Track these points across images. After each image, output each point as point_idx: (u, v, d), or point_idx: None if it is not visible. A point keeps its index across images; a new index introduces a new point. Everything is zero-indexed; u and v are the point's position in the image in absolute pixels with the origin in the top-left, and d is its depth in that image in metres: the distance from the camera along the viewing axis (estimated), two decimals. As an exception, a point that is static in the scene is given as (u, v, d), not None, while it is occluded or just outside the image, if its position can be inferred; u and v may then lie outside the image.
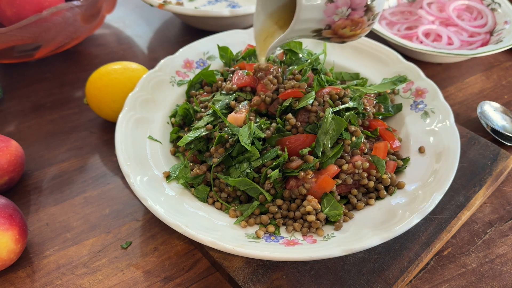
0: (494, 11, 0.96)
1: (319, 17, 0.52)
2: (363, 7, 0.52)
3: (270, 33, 0.61)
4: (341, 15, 0.52)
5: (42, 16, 0.74)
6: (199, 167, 0.60)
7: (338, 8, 0.52)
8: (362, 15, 0.53)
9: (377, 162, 0.59)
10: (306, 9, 0.51)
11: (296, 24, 0.52)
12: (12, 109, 0.81)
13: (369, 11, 0.53)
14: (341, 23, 0.53)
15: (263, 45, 0.61)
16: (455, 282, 0.56)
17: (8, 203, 0.56)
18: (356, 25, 0.54)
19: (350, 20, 0.53)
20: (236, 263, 0.54)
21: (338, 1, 0.51)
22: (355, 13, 0.53)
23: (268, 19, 0.60)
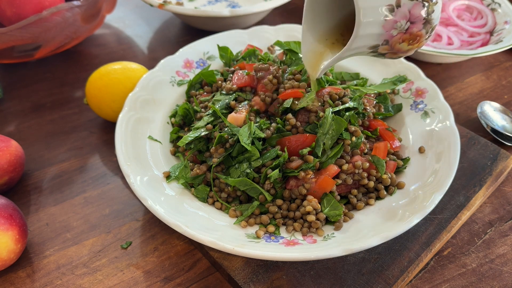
0: (494, 11, 0.96)
1: (377, 32, 0.50)
2: (422, 20, 0.51)
3: (319, 53, 0.59)
4: (400, 29, 0.51)
5: (42, 16, 0.74)
6: (199, 167, 0.60)
7: (397, 22, 0.50)
8: (420, 28, 0.51)
9: (377, 162, 0.59)
10: (365, 25, 0.49)
11: (354, 41, 0.51)
12: (12, 109, 0.81)
13: (428, 24, 0.51)
14: (399, 37, 0.51)
15: (313, 65, 0.60)
16: (455, 282, 0.56)
17: (8, 203, 0.56)
18: (414, 38, 0.52)
19: (408, 34, 0.51)
20: (236, 263, 0.54)
21: (397, 15, 0.50)
22: (414, 26, 0.51)
23: (315, 40, 0.59)
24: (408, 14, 0.50)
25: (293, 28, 0.82)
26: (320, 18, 0.58)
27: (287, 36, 0.81)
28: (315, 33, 0.59)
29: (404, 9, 0.49)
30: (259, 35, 0.81)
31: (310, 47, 0.59)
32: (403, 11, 0.49)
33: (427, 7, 0.50)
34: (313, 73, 0.60)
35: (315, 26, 0.58)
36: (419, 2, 0.50)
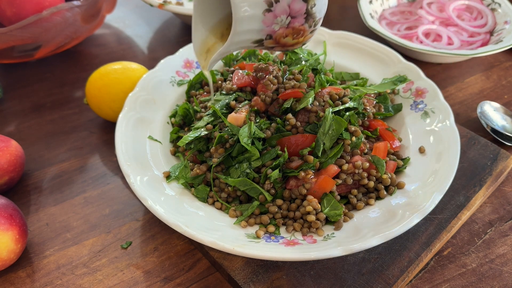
0: (494, 11, 0.96)
1: (258, 27, 0.50)
2: (303, 14, 0.50)
3: (210, 45, 0.58)
4: (281, 24, 0.50)
5: (42, 16, 0.74)
6: (199, 167, 0.60)
7: (277, 17, 0.49)
8: (303, 23, 0.50)
9: (377, 162, 0.59)
10: (243, 21, 0.48)
11: (234, 36, 0.50)
12: (12, 109, 0.81)
13: (310, 18, 0.50)
14: (282, 32, 0.50)
15: (204, 58, 0.59)
16: (455, 282, 0.56)
17: (8, 203, 0.56)
18: (297, 33, 0.51)
19: (291, 29, 0.50)
20: (236, 263, 0.54)
21: (276, 10, 0.48)
22: (296, 21, 0.50)
23: (207, 32, 0.58)
24: (288, 8, 0.48)
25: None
26: (210, 10, 0.57)
27: (287, 36, 0.81)
28: (206, 24, 0.58)
29: (283, 4, 0.48)
30: (259, 35, 0.81)
31: (201, 37, 0.58)
32: (282, 6, 0.48)
33: (308, 1, 0.49)
34: (204, 64, 0.59)
35: (206, 17, 0.57)
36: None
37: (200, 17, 0.57)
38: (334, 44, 0.80)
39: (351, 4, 1.11)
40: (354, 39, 0.80)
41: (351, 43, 0.80)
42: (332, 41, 0.81)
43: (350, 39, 0.80)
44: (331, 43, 0.80)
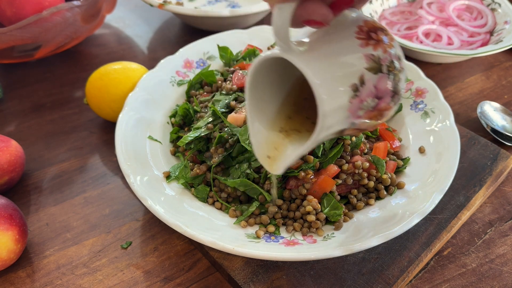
0: (494, 11, 0.96)
1: (343, 117, 0.42)
2: (390, 93, 0.43)
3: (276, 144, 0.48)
4: (367, 108, 0.42)
5: (42, 16, 0.74)
6: (199, 167, 0.60)
7: (363, 102, 0.42)
8: (389, 102, 0.43)
9: (377, 162, 0.59)
10: (329, 115, 0.40)
11: (320, 133, 0.41)
12: (12, 109, 0.81)
13: (396, 95, 0.44)
14: (366, 116, 0.43)
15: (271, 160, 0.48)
16: (455, 282, 0.56)
17: (8, 203, 0.56)
18: (381, 114, 0.44)
19: (377, 111, 0.43)
20: (236, 263, 0.54)
21: (362, 94, 0.41)
22: (382, 102, 0.43)
23: (266, 129, 0.48)
24: (375, 90, 0.42)
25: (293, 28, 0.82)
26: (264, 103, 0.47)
27: (287, 36, 0.81)
28: (264, 122, 0.48)
29: (369, 86, 0.41)
30: (259, 35, 0.81)
31: (262, 139, 0.48)
32: (368, 88, 0.41)
33: (394, 77, 0.43)
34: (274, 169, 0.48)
35: (262, 114, 0.47)
36: (385, 74, 0.42)
37: (256, 115, 0.47)
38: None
39: (351, 4, 1.11)
40: (354, 39, 0.80)
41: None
42: (332, 41, 0.80)
43: (350, 39, 0.80)
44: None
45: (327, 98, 0.40)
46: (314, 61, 0.40)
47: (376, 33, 0.42)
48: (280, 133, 0.48)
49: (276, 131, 0.48)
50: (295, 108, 0.49)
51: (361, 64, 0.41)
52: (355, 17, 0.43)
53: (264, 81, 0.46)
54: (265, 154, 0.48)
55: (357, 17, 0.43)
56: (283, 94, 0.49)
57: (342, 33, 0.42)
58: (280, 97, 0.48)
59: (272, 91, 0.48)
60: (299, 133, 0.48)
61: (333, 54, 0.41)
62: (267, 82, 0.46)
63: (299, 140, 0.47)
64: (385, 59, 0.42)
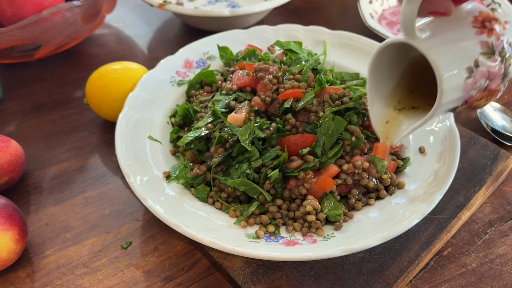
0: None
1: (458, 96, 0.48)
2: (501, 75, 0.49)
3: (390, 117, 0.55)
4: (479, 88, 0.49)
5: (42, 16, 0.74)
6: (199, 167, 0.60)
7: (476, 83, 0.48)
8: (499, 83, 0.50)
9: (377, 162, 0.59)
10: (447, 93, 0.47)
11: (437, 110, 0.48)
12: (12, 109, 0.81)
13: (505, 78, 0.50)
14: (478, 95, 0.49)
15: (385, 131, 0.56)
16: (455, 282, 0.56)
17: (8, 203, 0.56)
18: (492, 94, 0.50)
19: (487, 91, 0.50)
20: (236, 263, 0.54)
21: (476, 75, 0.48)
22: (493, 83, 0.49)
23: (384, 106, 0.55)
24: (487, 72, 0.48)
25: (293, 28, 0.82)
26: (382, 82, 0.55)
27: (287, 36, 0.81)
28: (381, 99, 0.55)
29: (483, 69, 0.48)
30: (259, 35, 0.81)
31: (380, 114, 0.56)
32: (482, 70, 0.48)
33: (505, 61, 0.49)
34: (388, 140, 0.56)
35: (379, 92, 0.55)
36: (497, 58, 0.48)
37: (374, 91, 0.54)
38: (334, 44, 0.80)
39: (351, 4, 1.11)
40: (354, 39, 0.80)
41: (351, 43, 0.80)
42: (332, 41, 0.81)
43: (350, 39, 0.80)
44: (331, 43, 0.80)
45: (447, 78, 0.46)
46: (436, 46, 0.45)
47: (490, 22, 0.50)
48: (394, 110, 0.55)
49: (390, 108, 0.55)
50: (407, 89, 0.55)
51: (477, 49, 0.46)
52: (471, 8, 0.49)
53: (382, 64, 0.52)
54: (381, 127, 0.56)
55: (473, 8, 0.50)
56: (397, 77, 0.55)
57: (460, 22, 0.48)
58: (394, 79, 0.55)
59: (388, 73, 0.54)
60: (413, 110, 0.54)
61: (452, 40, 0.47)
62: (384, 65, 0.53)
63: (412, 116, 0.54)
64: (498, 45, 0.48)
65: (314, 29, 0.82)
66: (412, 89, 0.55)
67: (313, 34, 0.82)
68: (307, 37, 0.81)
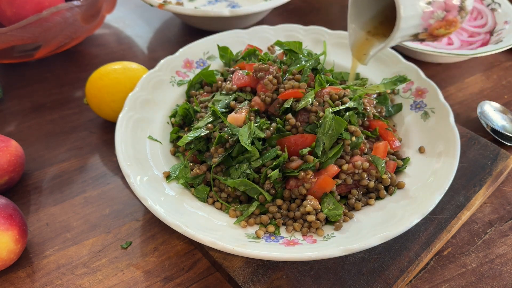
0: (494, 11, 0.96)
1: (417, 23, 0.56)
2: (457, 8, 0.57)
3: (364, 41, 0.66)
4: (437, 18, 0.57)
5: (42, 16, 0.74)
6: (199, 167, 0.60)
7: (434, 13, 0.56)
8: (456, 15, 0.57)
9: (377, 162, 0.59)
10: (405, 20, 0.55)
11: (396, 33, 0.57)
12: (12, 109, 0.81)
13: (462, 10, 0.57)
14: (437, 25, 0.57)
15: (359, 52, 0.66)
16: (455, 282, 0.56)
17: (8, 203, 0.56)
18: (450, 24, 0.58)
19: (445, 21, 0.57)
20: (236, 263, 0.54)
21: (434, 6, 0.56)
22: (450, 14, 0.57)
23: (360, 29, 0.66)
24: (444, 4, 0.55)
25: (293, 28, 0.82)
26: (362, 10, 0.65)
27: (287, 36, 0.81)
28: (359, 23, 0.66)
29: (440, 0, 0.55)
30: (259, 35, 0.81)
31: (356, 36, 0.66)
32: (439, 1, 0.55)
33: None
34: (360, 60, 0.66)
35: (359, 17, 0.65)
36: None
37: (354, 15, 0.65)
38: (334, 44, 0.80)
39: (351, 4, 1.11)
40: (354, 39, 0.80)
41: (350, 43, 0.80)
42: (332, 41, 0.81)
43: (350, 39, 0.80)
44: (331, 43, 0.80)
45: (405, 6, 0.54)
46: None
47: None
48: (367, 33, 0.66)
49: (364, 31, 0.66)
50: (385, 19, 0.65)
51: None
52: None
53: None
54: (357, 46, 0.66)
55: None
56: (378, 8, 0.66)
57: None
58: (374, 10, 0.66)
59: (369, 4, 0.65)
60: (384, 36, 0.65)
61: None
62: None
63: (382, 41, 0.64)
64: None
65: (314, 29, 0.82)
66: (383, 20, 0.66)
67: (313, 34, 0.82)
68: (307, 37, 0.81)
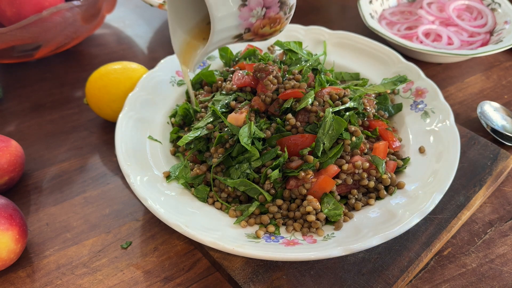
0: (494, 11, 0.96)
1: (235, 23, 0.51)
2: (277, 3, 0.52)
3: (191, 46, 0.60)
4: (258, 16, 0.52)
5: (42, 16, 0.74)
6: (199, 167, 0.60)
7: (252, 10, 0.51)
8: (278, 11, 0.52)
9: (377, 162, 0.59)
10: (220, 20, 0.50)
11: (214, 36, 0.52)
12: (12, 109, 0.81)
13: (284, 5, 0.52)
14: (259, 23, 0.52)
15: (186, 59, 0.61)
16: (455, 282, 0.56)
17: (8, 203, 0.56)
18: (274, 22, 0.53)
19: (267, 19, 0.52)
20: (236, 263, 0.54)
21: (250, 3, 0.50)
22: (271, 11, 0.52)
23: (186, 35, 0.60)
24: (262, 1, 0.50)
25: (293, 28, 0.82)
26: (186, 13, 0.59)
27: (287, 36, 0.81)
28: (183, 27, 0.60)
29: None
30: (259, 35, 0.81)
31: (181, 40, 0.60)
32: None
33: None
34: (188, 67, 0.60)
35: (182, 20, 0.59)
36: None
37: (176, 20, 0.59)
38: (334, 44, 0.80)
39: (351, 4, 1.11)
40: (354, 39, 0.80)
41: (351, 43, 0.80)
42: (332, 41, 0.81)
43: (350, 39, 0.80)
44: (331, 43, 0.80)
45: (216, 5, 0.48)
46: None
47: None
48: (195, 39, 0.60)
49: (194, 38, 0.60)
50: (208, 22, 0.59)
51: None
52: None
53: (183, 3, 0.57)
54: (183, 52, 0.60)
55: None
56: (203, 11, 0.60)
57: None
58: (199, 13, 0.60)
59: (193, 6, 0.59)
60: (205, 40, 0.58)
61: None
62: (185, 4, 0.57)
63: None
64: None
65: (314, 29, 0.82)
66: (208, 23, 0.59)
67: (313, 34, 0.82)
68: (307, 37, 0.82)
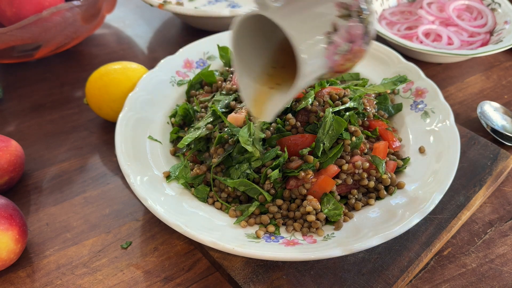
0: (494, 11, 0.96)
1: (321, 63, 0.46)
2: (362, 36, 0.47)
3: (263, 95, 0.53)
4: (342, 52, 0.47)
5: (42, 16, 0.74)
6: (199, 167, 0.60)
7: (338, 47, 0.46)
8: (361, 44, 0.48)
9: (377, 162, 0.59)
10: (307, 62, 0.44)
11: (300, 80, 0.45)
12: (12, 109, 0.81)
13: (367, 37, 0.48)
14: (341, 60, 0.47)
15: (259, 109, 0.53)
16: (455, 282, 0.56)
17: (8, 203, 0.56)
18: (356, 56, 0.49)
19: (351, 54, 0.48)
20: (236, 263, 0.54)
21: (336, 40, 0.45)
22: (355, 45, 0.47)
23: (256, 83, 0.52)
24: (347, 34, 0.46)
25: None
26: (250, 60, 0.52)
27: (287, 36, 0.81)
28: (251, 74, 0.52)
29: (342, 32, 0.45)
30: (259, 35, 0.81)
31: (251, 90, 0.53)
32: (341, 33, 0.45)
33: (364, 21, 0.47)
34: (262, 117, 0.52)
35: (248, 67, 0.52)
36: (355, 19, 0.46)
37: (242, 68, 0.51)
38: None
39: (351, 4, 1.11)
40: (354, 39, 0.80)
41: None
42: (332, 41, 0.80)
43: (350, 39, 0.80)
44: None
45: (304, 48, 0.43)
46: (290, 14, 0.43)
47: None
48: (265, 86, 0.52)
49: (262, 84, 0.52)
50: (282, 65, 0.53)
51: (333, 12, 0.45)
52: None
53: (249, 41, 0.50)
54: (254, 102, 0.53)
55: None
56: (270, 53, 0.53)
57: None
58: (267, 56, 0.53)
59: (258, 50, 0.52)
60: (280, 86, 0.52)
61: (306, 7, 0.44)
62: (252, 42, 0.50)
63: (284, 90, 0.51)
64: (354, 5, 0.46)
65: (314, 29, 0.82)
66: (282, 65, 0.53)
67: (313, 34, 0.82)
68: (307, 37, 0.81)
